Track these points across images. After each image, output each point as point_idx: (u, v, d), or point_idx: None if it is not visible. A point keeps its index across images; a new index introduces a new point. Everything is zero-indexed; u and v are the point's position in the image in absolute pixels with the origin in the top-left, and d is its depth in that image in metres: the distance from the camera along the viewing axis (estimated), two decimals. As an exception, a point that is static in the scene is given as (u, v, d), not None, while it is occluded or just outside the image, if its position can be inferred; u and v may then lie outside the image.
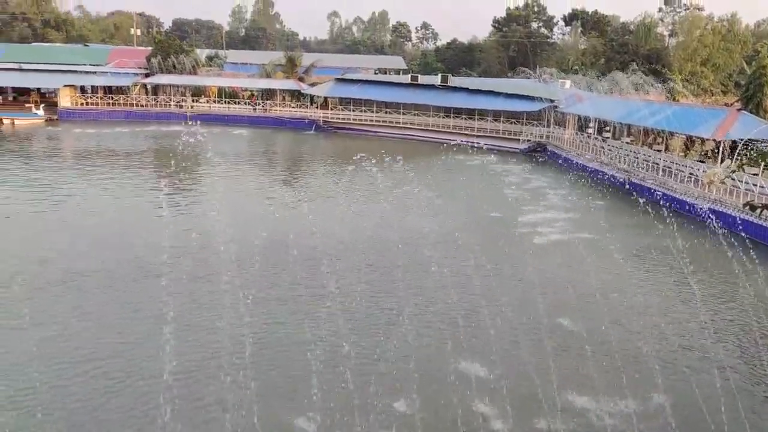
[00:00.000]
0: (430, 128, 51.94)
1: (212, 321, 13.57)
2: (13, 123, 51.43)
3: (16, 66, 58.98)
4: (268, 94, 60.82)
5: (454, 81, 55.67)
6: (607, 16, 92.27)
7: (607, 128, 40.24)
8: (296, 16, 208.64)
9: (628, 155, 34.62)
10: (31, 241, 19.87)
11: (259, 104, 59.24)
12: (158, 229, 19.93)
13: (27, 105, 56.20)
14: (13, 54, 66.39)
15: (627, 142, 38.11)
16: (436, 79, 55.77)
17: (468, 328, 14.01)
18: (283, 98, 60.22)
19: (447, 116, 52.13)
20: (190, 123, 51.12)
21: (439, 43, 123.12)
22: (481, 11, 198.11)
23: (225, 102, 60.21)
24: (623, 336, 14.27)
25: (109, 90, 60.27)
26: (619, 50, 73.67)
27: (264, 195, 29.43)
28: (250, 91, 62.32)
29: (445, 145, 37.29)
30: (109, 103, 58.62)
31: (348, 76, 61.16)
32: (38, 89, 59.43)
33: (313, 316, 14.14)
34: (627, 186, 30.51)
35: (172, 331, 10.47)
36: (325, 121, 55.84)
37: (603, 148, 37.60)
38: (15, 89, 58.74)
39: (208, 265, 16.53)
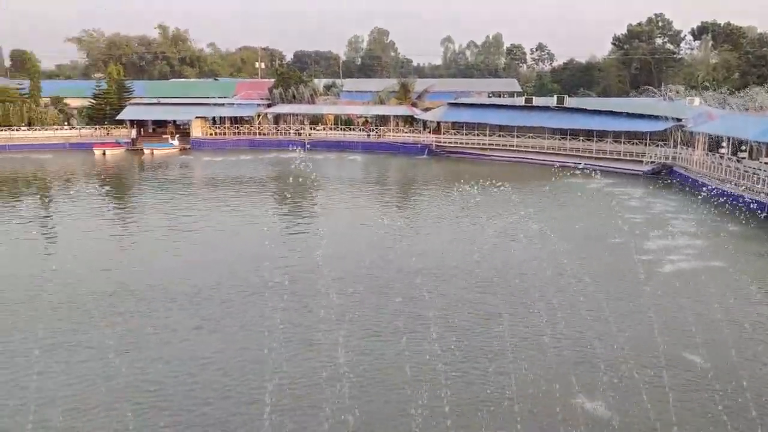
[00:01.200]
0: (545, 151, 50.53)
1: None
2: (153, 153, 56.23)
3: (155, 101, 64.80)
4: (382, 120, 62.11)
5: (570, 102, 53.96)
6: (741, 27, 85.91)
7: (743, 148, 37.05)
8: (410, 44, 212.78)
9: (767, 177, 31.63)
10: (175, 257, 21.47)
11: (374, 130, 60.60)
12: (285, 249, 20.92)
13: (164, 136, 61.37)
14: (154, 90, 73.09)
15: (766, 163, 34.84)
16: (552, 101, 54.33)
17: (588, 365, 13.23)
18: (397, 124, 61.20)
19: (563, 138, 50.50)
20: (307, 150, 53.38)
21: (555, 64, 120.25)
22: (599, 29, 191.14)
23: (341, 129, 62.24)
24: (761, 378, 12.86)
25: (235, 120, 64.35)
26: (756, 63, 68.22)
27: (375, 218, 29.90)
28: (365, 117, 63.99)
29: (559, 167, 36.01)
30: (234, 133, 62.58)
31: (461, 100, 61.12)
32: (174, 121, 64.67)
33: (420, 337, 13.98)
34: (766, 212, 27.84)
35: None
36: (437, 146, 56.03)
37: (738, 169, 34.63)
38: (155, 122, 64.45)
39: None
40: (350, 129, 62.26)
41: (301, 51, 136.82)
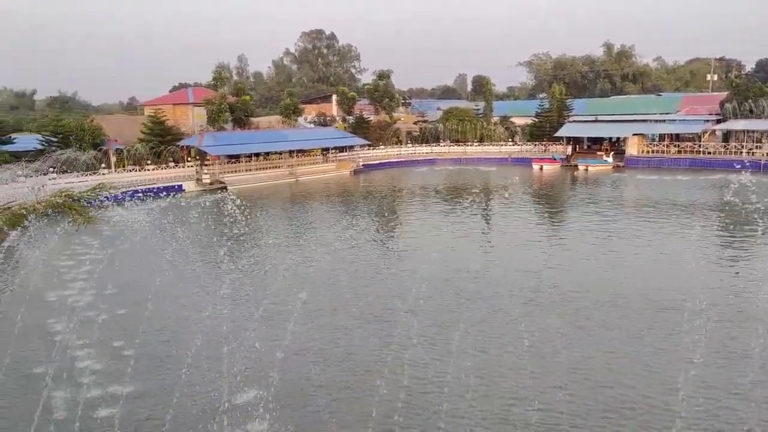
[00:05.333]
0: None
1: None
2: (587, 169, 56.97)
3: (592, 118, 65.50)
4: None
5: None
6: None
7: None
8: None
9: None
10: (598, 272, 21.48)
11: None
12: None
13: (599, 153, 61.48)
14: (593, 107, 73.97)
15: None
16: None
17: None
18: None
19: None
20: (762, 170, 45.98)
21: None
22: None
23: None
24: None
25: (676, 137, 60.02)
26: None
27: None
28: None
29: None
30: (675, 151, 58.42)
31: None
32: (609, 138, 64.18)
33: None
34: None
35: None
36: None
37: None
38: (590, 139, 65.18)
39: None
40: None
41: (766, 59, 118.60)
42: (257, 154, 54.47)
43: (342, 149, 62.05)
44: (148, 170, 47.92)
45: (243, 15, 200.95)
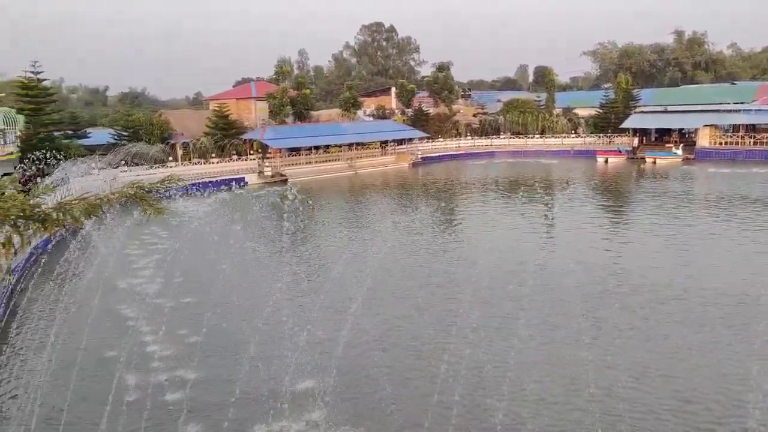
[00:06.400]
0: None
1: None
2: (654, 162, 54.94)
3: (661, 108, 63.02)
4: None
5: None
6: None
7: None
8: None
9: None
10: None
11: None
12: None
13: (667, 145, 59.21)
14: (661, 97, 71.24)
15: None
16: None
17: None
18: None
19: None
20: None
21: None
22: None
23: None
24: None
25: (752, 128, 57.06)
26: None
27: None
28: None
29: None
30: (750, 142, 55.57)
31: None
32: (679, 130, 61.64)
33: None
34: None
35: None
36: None
37: None
38: (657, 130, 62.78)
39: None
40: None
41: None
42: (317, 147, 55.17)
43: (400, 142, 62.06)
44: (213, 163, 49.28)
45: (304, 10, 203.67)
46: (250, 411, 11.69)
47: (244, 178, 48.96)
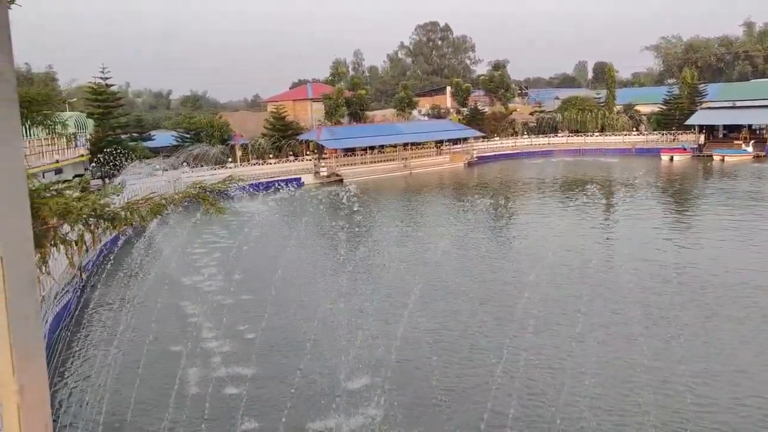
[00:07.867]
0: None
1: None
2: (723, 159, 52.70)
3: (729, 104, 60.34)
4: None
5: None
6: None
7: None
8: None
9: None
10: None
11: None
12: None
13: (736, 142, 56.66)
14: (729, 92, 68.14)
15: None
16: None
17: None
18: None
19: None
20: None
21: None
22: None
23: None
24: None
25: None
26: None
27: None
28: None
29: None
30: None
31: None
32: (749, 126, 58.90)
33: None
34: None
35: None
36: None
37: None
38: (726, 127, 60.14)
39: None
40: None
41: None
42: (372, 147, 55.46)
43: (456, 141, 61.68)
44: (270, 164, 50.27)
45: (360, 11, 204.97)
46: (306, 407, 11.87)
47: (300, 178, 49.72)
